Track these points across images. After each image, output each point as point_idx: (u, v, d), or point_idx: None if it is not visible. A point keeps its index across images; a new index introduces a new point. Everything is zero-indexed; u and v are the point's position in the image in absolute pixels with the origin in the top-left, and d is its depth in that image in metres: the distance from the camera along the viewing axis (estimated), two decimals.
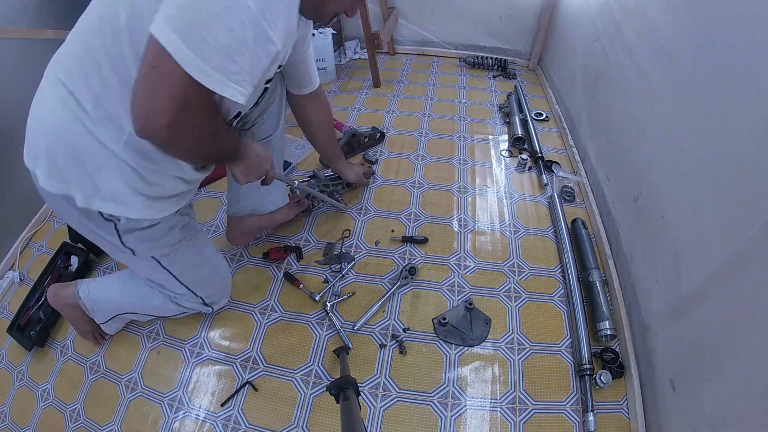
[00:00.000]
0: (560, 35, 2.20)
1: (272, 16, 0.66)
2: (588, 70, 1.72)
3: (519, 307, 1.27)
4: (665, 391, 0.95)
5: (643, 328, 1.08)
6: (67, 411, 1.10)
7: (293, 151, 1.89)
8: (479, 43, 2.62)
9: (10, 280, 1.45)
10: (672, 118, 1.05)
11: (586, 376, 1.07)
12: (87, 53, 0.73)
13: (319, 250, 1.45)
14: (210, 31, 0.61)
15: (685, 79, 0.99)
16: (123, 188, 0.82)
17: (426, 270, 1.37)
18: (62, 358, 1.22)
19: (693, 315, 0.88)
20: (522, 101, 2.12)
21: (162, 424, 1.06)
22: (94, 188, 0.80)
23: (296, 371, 1.14)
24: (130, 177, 0.82)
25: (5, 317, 1.33)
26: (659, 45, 1.13)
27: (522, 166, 1.78)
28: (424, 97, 2.29)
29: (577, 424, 1.02)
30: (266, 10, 0.65)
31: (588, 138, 1.71)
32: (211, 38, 0.61)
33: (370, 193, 1.67)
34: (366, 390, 1.09)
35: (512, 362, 1.14)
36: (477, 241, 1.47)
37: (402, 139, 1.97)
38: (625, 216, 1.30)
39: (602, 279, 1.27)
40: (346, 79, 2.50)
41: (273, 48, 0.70)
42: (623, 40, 1.36)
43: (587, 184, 1.64)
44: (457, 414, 1.05)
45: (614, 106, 1.42)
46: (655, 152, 1.12)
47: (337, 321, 1.23)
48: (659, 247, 1.05)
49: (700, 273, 0.87)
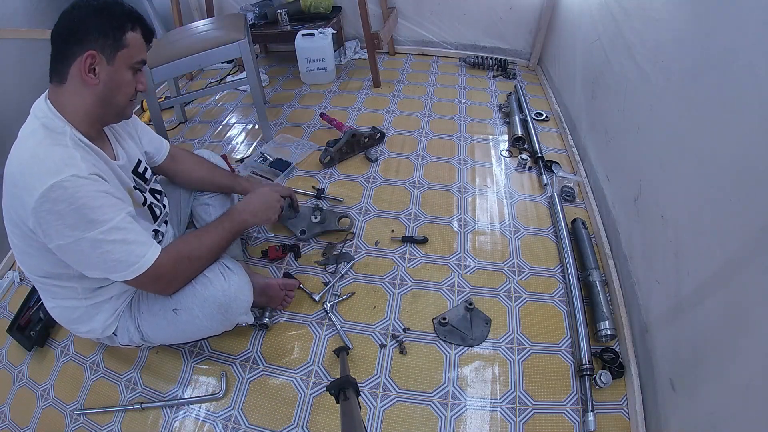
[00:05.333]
0: (560, 35, 2.20)
1: (96, 211, 0.79)
2: (588, 70, 1.72)
3: (519, 307, 1.27)
4: (665, 391, 0.95)
5: (643, 328, 1.08)
6: (67, 411, 1.10)
7: (293, 151, 1.89)
8: (479, 43, 2.62)
9: (10, 280, 1.45)
10: (672, 118, 1.05)
11: (586, 376, 1.07)
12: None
13: (319, 250, 1.45)
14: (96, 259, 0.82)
15: (685, 79, 0.99)
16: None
17: (426, 270, 1.37)
18: (62, 358, 1.22)
19: (693, 315, 0.88)
20: (522, 101, 2.12)
21: (162, 424, 1.06)
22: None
23: (296, 371, 1.14)
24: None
25: (5, 317, 1.33)
26: (659, 45, 1.13)
27: (522, 166, 1.78)
28: (424, 97, 2.29)
29: (577, 424, 1.02)
30: (94, 216, 0.78)
31: (588, 138, 1.71)
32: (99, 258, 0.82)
33: (370, 193, 1.67)
34: (366, 390, 1.09)
35: (512, 362, 1.14)
36: (477, 241, 1.47)
37: (402, 139, 1.97)
38: (625, 216, 1.30)
39: (602, 279, 1.27)
40: (346, 79, 2.50)
41: (107, 216, 0.81)
42: (623, 40, 1.36)
43: (587, 184, 1.64)
44: (457, 414, 1.05)
45: (614, 106, 1.42)
46: (655, 152, 1.12)
47: (337, 321, 1.23)
48: (659, 247, 1.05)
49: (700, 273, 0.87)
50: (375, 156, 1.84)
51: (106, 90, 0.84)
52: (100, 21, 0.81)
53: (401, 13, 2.60)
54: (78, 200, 0.76)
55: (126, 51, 0.84)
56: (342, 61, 2.68)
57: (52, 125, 0.81)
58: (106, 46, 0.82)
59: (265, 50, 2.90)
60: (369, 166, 1.81)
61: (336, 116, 2.03)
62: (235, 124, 2.19)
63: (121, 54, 0.84)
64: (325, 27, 2.35)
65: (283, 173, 1.76)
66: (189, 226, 1.38)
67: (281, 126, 2.12)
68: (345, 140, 1.79)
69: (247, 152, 1.95)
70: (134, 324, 1.02)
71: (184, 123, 2.23)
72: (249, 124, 2.18)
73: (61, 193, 0.74)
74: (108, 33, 0.81)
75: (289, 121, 2.15)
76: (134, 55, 0.86)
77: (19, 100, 1.51)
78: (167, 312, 0.99)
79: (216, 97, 2.43)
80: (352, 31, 2.77)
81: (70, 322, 1.02)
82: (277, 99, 2.35)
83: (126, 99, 0.90)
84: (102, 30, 0.81)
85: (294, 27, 2.39)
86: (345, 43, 2.77)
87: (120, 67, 0.85)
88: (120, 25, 0.83)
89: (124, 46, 0.84)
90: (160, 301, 1.00)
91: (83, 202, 0.76)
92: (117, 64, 0.84)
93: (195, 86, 2.59)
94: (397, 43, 2.76)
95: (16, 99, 1.41)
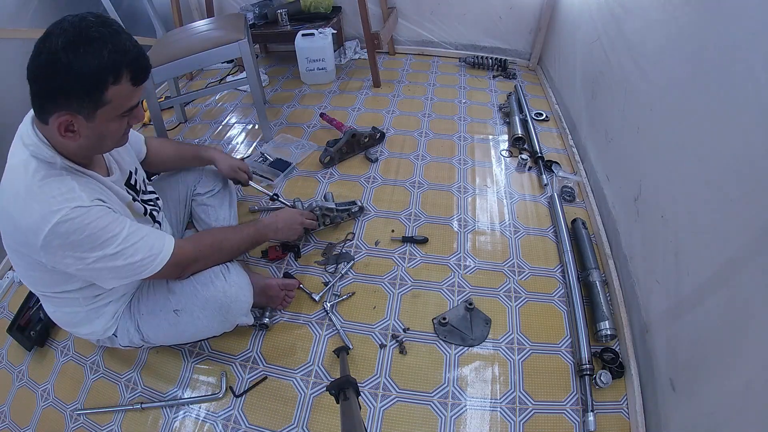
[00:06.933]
0: (560, 35, 2.20)
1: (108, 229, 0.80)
2: (588, 70, 1.72)
3: (519, 307, 1.27)
4: (665, 391, 0.94)
5: (643, 328, 1.08)
6: (67, 411, 1.10)
7: (293, 151, 1.89)
8: (479, 43, 2.62)
9: (10, 280, 1.45)
10: (672, 118, 1.05)
11: (586, 376, 1.07)
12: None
13: (319, 250, 1.45)
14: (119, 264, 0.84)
15: (685, 79, 0.99)
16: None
17: (426, 270, 1.37)
18: (62, 358, 1.22)
19: (693, 315, 0.88)
20: (522, 101, 2.12)
21: (162, 424, 1.06)
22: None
23: (296, 371, 1.14)
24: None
25: (5, 317, 1.33)
26: (659, 45, 1.13)
27: (522, 166, 1.78)
28: (424, 97, 2.29)
29: (577, 424, 1.02)
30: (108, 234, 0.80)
31: (588, 138, 1.71)
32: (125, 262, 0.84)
33: (370, 193, 1.67)
34: (366, 390, 1.09)
35: (512, 362, 1.14)
36: (477, 241, 1.47)
37: (402, 139, 1.97)
38: (624, 216, 1.30)
39: (602, 279, 1.27)
40: (346, 79, 2.50)
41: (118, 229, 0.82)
42: (623, 40, 1.36)
43: (587, 184, 1.64)
44: (457, 414, 1.05)
45: (614, 106, 1.42)
46: (655, 152, 1.12)
47: (337, 321, 1.23)
48: (659, 247, 1.04)
49: (700, 273, 0.87)
50: (375, 156, 1.84)
51: (91, 141, 0.78)
52: (73, 83, 0.69)
53: (401, 13, 2.60)
54: (87, 227, 0.76)
55: (108, 107, 0.74)
56: (342, 61, 2.67)
57: (43, 155, 0.76)
58: (82, 107, 0.72)
59: (265, 50, 2.90)
60: (369, 166, 1.81)
61: (336, 116, 2.03)
62: (235, 124, 2.19)
63: (101, 111, 0.74)
64: (325, 27, 2.35)
65: (283, 173, 1.76)
66: (189, 227, 1.38)
67: (281, 126, 2.12)
68: (345, 140, 1.79)
69: (247, 152, 1.95)
70: (134, 325, 1.02)
71: (184, 123, 2.23)
72: (249, 124, 2.18)
73: (69, 225, 0.74)
74: (83, 95, 0.71)
75: (289, 121, 2.15)
76: (118, 107, 0.76)
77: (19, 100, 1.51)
78: (168, 313, 0.99)
79: (216, 97, 2.43)
80: (352, 31, 2.77)
81: (71, 326, 1.02)
82: (277, 99, 2.35)
83: (115, 141, 0.84)
84: (75, 93, 0.70)
85: (294, 27, 2.39)
86: (345, 43, 2.77)
87: (102, 122, 0.76)
88: (97, 83, 0.71)
89: (104, 103, 0.73)
90: (161, 302, 1.00)
91: (94, 226, 0.77)
92: (98, 120, 0.75)
93: (195, 86, 2.59)
94: (397, 43, 2.76)
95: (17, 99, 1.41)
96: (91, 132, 0.77)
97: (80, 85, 0.70)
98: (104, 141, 0.82)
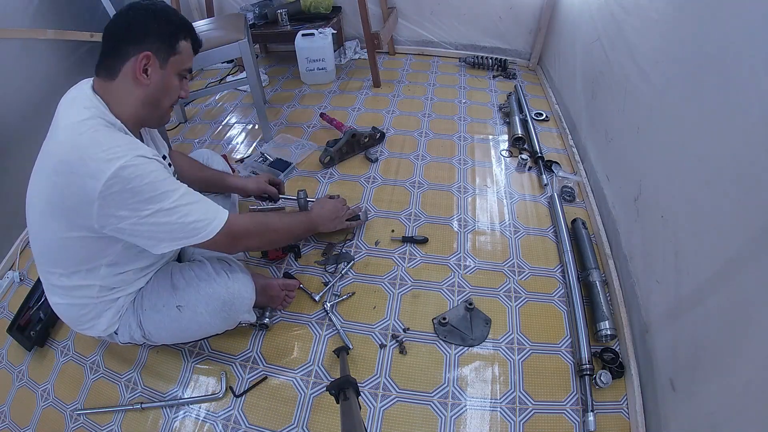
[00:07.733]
0: (560, 35, 2.20)
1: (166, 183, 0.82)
2: (588, 70, 1.72)
3: (519, 307, 1.27)
4: (665, 391, 0.94)
5: (643, 328, 1.08)
6: (67, 411, 1.10)
7: (293, 151, 1.89)
8: (479, 43, 2.62)
9: (10, 280, 1.45)
10: (672, 118, 1.05)
11: (586, 376, 1.07)
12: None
13: (319, 249, 1.45)
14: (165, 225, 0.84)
15: (685, 79, 0.99)
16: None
17: (426, 270, 1.37)
18: (62, 358, 1.22)
19: (693, 315, 0.88)
20: (522, 101, 2.12)
21: (162, 424, 1.06)
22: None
23: (296, 371, 1.14)
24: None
25: (5, 317, 1.33)
26: (659, 45, 1.13)
27: (522, 166, 1.78)
28: (424, 97, 2.29)
29: (577, 424, 1.02)
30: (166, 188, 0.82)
31: (588, 138, 1.71)
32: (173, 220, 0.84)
33: (370, 193, 1.67)
34: (366, 390, 1.09)
35: (512, 362, 1.14)
36: (477, 241, 1.47)
37: (402, 139, 1.97)
38: (624, 216, 1.30)
39: (602, 279, 1.27)
40: (346, 79, 2.50)
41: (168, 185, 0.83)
42: (623, 40, 1.36)
43: (587, 184, 1.64)
44: (457, 414, 1.05)
45: (614, 106, 1.42)
46: (655, 152, 1.12)
47: (337, 321, 1.23)
48: (659, 247, 1.04)
49: (700, 273, 0.87)
50: (375, 156, 1.84)
51: (155, 92, 0.87)
52: (158, 25, 0.85)
53: (401, 13, 2.60)
54: (149, 175, 0.78)
55: (178, 57, 0.88)
56: (342, 61, 2.68)
57: (105, 117, 0.82)
58: (161, 49, 0.85)
59: (265, 50, 2.90)
60: (369, 166, 1.81)
61: (336, 116, 2.04)
62: (235, 124, 2.19)
63: (173, 59, 0.88)
64: (325, 27, 2.35)
65: (283, 173, 1.76)
66: None
67: (281, 126, 2.12)
68: (345, 140, 1.79)
69: (247, 152, 1.95)
70: (136, 320, 1.01)
71: (184, 123, 2.23)
72: (249, 124, 2.18)
73: (132, 171, 0.76)
74: (164, 38, 0.85)
75: (289, 121, 2.15)
76: (184, 62, 0.90)
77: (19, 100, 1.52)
78: (171, 309, 0.99)
79: (216, 97, 2.44)
80: (352, 31, 2.77)
81: (74, 319, 1.01)
82: (277, 99, 2.35)
83: (170, 103, 0.93)
84: (159, 34, 0.85)
85: (294, 27, 2.39)
86: (345, 43, 2.77)
87: (170, 72, 0.89)
88: (175, 32, 0.87)
89: (177, 52, 0.88)
90: (164, 298, 1.00)
91: (154, 176, 0.79)
92: (168, 69, 0.88)
93: (195, 86, 2.59)
94: (397, 43, 2.76)
95: (17, 99, 1.41)
96: (159, 81, 0.87)
97: (164, 26, 0.86)
98: (163, 98, 0.90)
